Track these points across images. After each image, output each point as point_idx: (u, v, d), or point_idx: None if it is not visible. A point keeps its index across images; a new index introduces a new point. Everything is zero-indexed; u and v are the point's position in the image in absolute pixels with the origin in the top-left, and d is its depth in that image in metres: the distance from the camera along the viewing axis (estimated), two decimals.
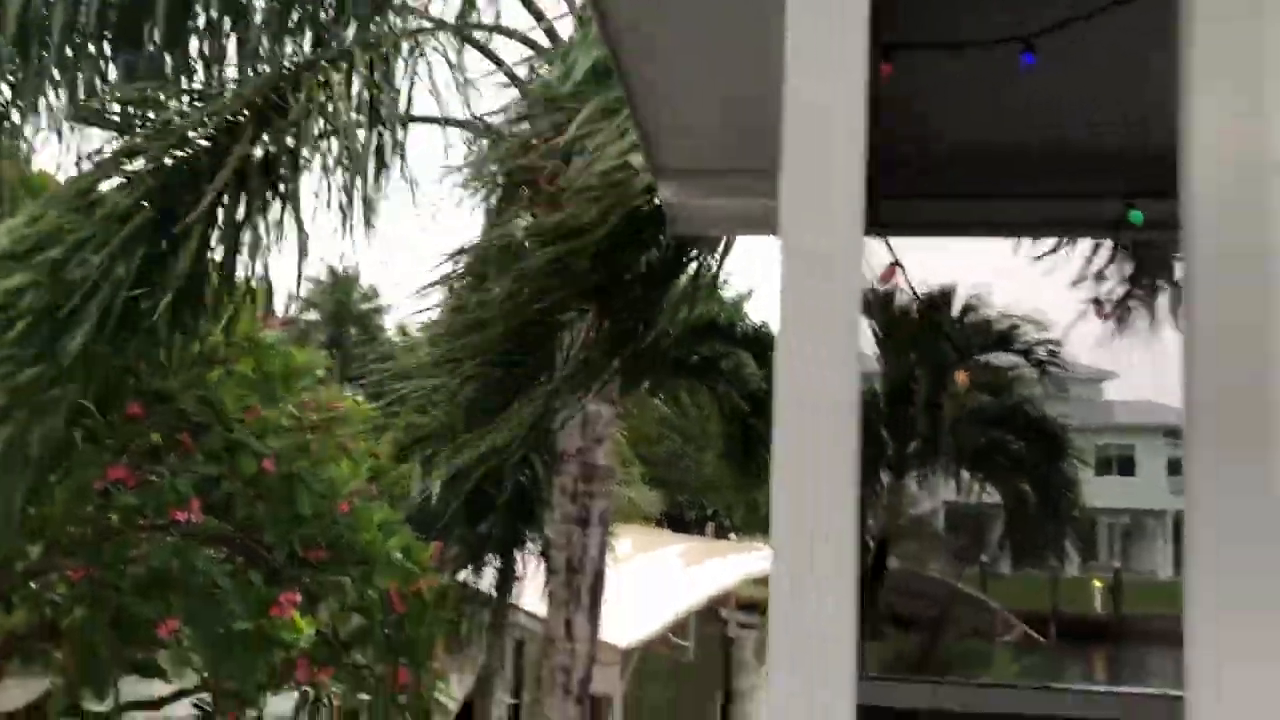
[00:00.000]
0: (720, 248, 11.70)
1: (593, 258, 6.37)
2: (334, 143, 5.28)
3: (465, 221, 11.53)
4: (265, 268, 5.78)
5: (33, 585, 7.73)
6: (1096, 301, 2.80)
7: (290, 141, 4.88)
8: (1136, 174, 2.40)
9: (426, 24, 6.19)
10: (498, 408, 10.17)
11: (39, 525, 7.08)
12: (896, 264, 2.19)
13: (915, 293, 2.25)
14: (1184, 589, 1.33)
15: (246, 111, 4.89)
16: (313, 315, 50.15)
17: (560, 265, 6.54)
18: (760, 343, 11.10)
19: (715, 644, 19.28)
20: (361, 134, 5.31)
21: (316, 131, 5.23)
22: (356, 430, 8.11)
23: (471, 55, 7.18)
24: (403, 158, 5.70)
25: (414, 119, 6.06)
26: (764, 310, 11.29)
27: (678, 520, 43.66)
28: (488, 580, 10.54)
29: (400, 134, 5.48)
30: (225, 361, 7.32)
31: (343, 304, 50.04)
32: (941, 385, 5.63)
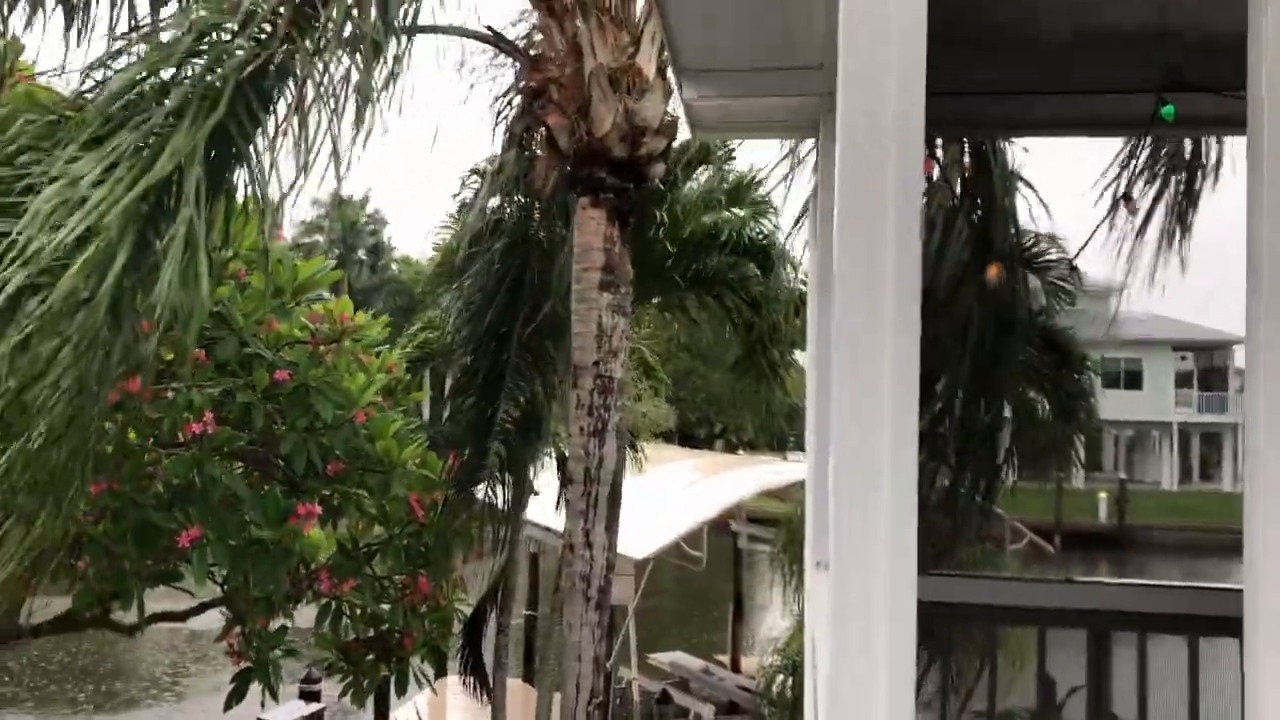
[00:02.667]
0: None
1: (610, 167, 6.31)
2: (343, 57, 5.17)
3: (470, 136, 11.38)
4: (276, 184, 5.71)
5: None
6: (1127, 197, 2.75)
7: (305, 52, 4.78)
8: (1171, 67, 2.35)
9: None
10: (507, 320, 10.20)
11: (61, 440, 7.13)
12: (931, 157, 2.16)
13: (950, 188, 2.21)
14: (1246, 492, 1.34)
15: (268, 24, 4.78)
16: (319, 238, 50.01)
17: (575, 176, 6.48)
18: (765, 253, 11.05)
19: (727, 556, 19.58)
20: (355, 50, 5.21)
21: (323, 42, 5.12)
22: (369, 344, 8.12)
23: None
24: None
25: (422, 29, 5.94)
26: (769, 221, 11.15)
27: (689, 437, 44.05)
28: (502, 494, 10.69)
29: (407, 45, 5.36)
30: (235, 275, 7.29)
31: (350, 225, 49.83)
32: (962, 285, 5.60)
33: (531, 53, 7.46)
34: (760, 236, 11.11)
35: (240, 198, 5.77)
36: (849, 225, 1.61)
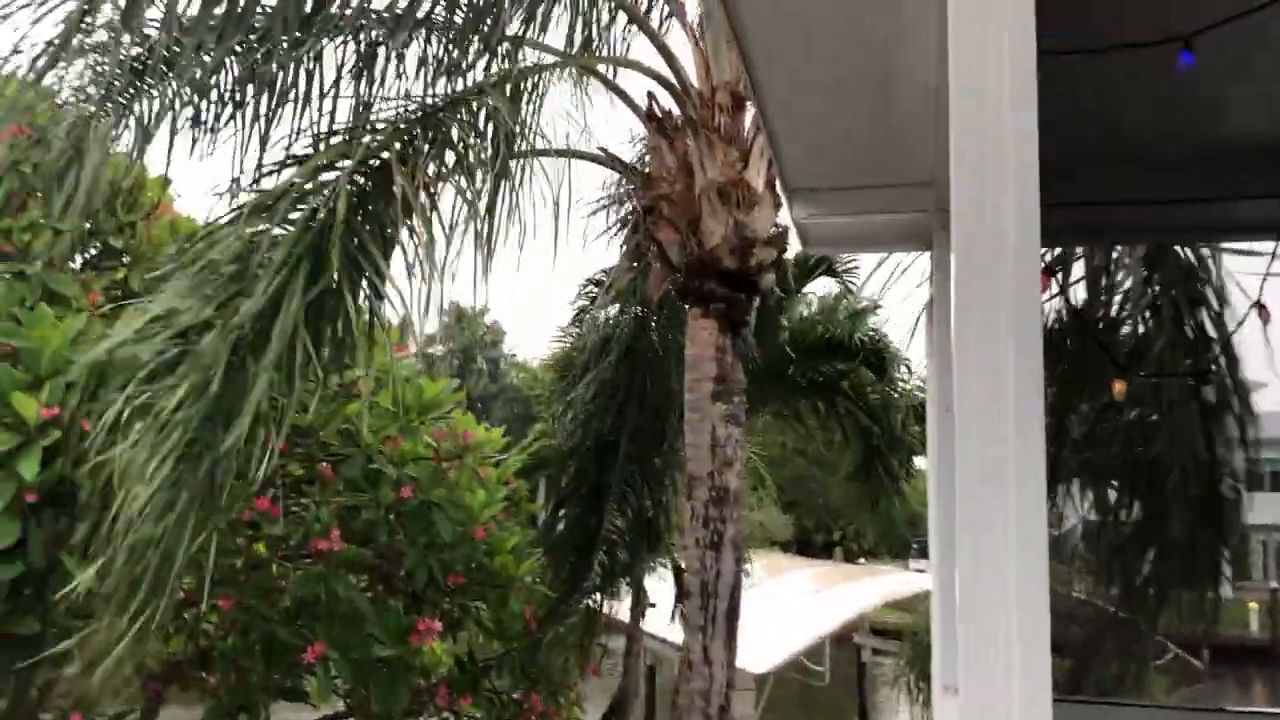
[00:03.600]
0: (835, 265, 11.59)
1: (720, 278, 6.36)
2: (462, 179, 5.38)
3: (587, 254, 11.68)
4: (402, 302, 5.91)
5: (186, 616, 8.05)
6: (1260, 306, 2.65)
7: (429, 175, 4.99)
8: None
9: (550, 58, 6.29)
10: (621, 431, 10.26)
11: (190, 556, 7.37)
12: (1049, 270, 2.12)
13: (1068, 300, 2.17)
14: None
15: (394, 146, 5.02)
16: (439, 349, 51.54)
17: (686, 288, 6.55)
18: (880, 356, 10.93)
19: (850, 670, 18.96)
20: (481, 175, 5.41)
21: (446, 167, 5.34)
22: (488, 458, 8.24)
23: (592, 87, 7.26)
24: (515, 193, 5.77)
25: (541, 153, 6.15)
26: (880, 323, 11.08)
27: (806, 545, 43.20)
28: (619, 607, 10.61)
29: (527, 169, 5.56)
30: (360, 395, 7.52)
31: (470, 338, 51.28)
32: (1090, 398, 5.43)
33: (645, 170, 7.65)
34: (874, 339, 11.02)
35: (366, 317, 5.99)
36: (967, 345, 1.59)
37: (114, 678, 7.50)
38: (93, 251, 7.21)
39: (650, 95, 7.13)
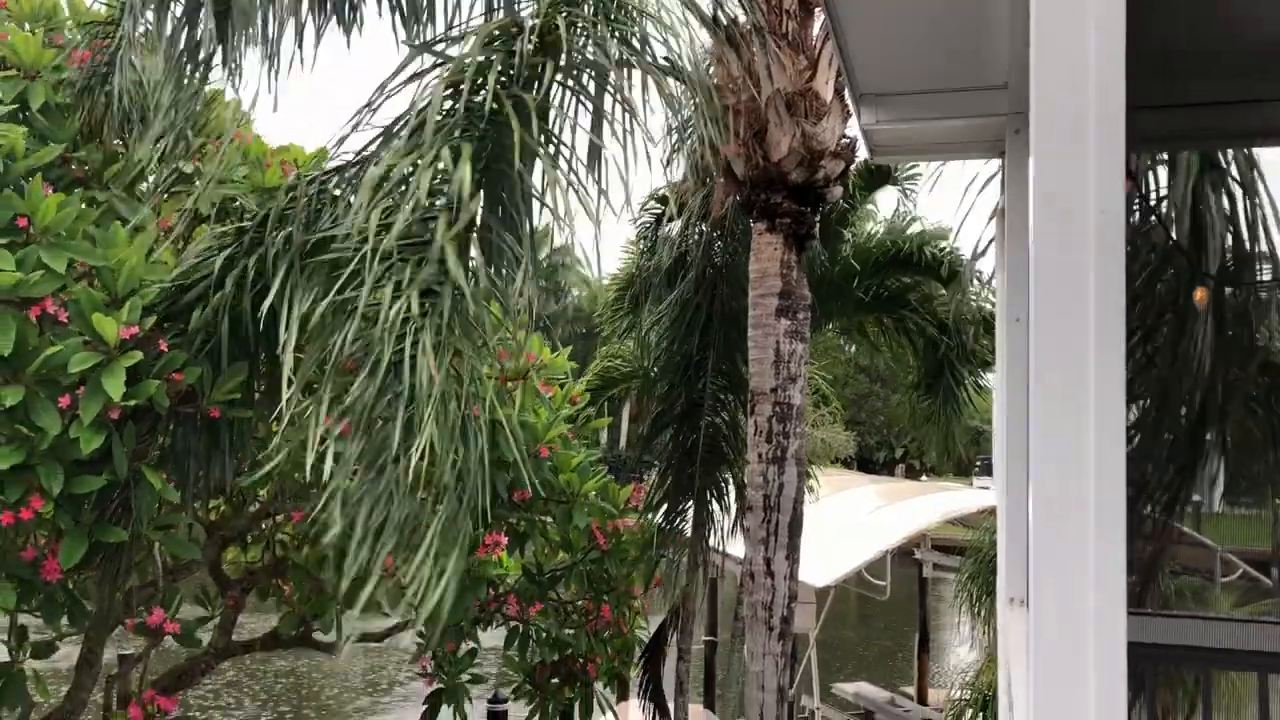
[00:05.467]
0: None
1: (786, 192, 6.28)
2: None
3: (649, 170, 11.58)
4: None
5: (264, 526, 8.32)
6: None
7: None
8: None
9: None
10: (689, 349, 10.31)
11: (268, 470, 7.58)
12: (1132, 176, 2.05)
13: (1150, 207, 2.10)
14: None
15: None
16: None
17: (752, 202, 6.48)
18: (950, 268, 10.75)
19: (911, 586, 19.06)
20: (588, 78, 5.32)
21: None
22: (553, 378, 8.32)
23: None
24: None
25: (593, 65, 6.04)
26: (954, 237, 10.87)
27: (868, 463, 43.23)
28: (684, 521, 10.75)
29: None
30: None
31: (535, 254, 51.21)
32: (1167, 312, 5.29)
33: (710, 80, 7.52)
34: (944, 253, 10.83)
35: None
36: (1045, 250, 1.55)
37: (194, 585, 7.81)
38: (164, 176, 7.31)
39: (716, 1, 6.98)
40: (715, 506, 10.77)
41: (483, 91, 4.73)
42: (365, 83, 5.35)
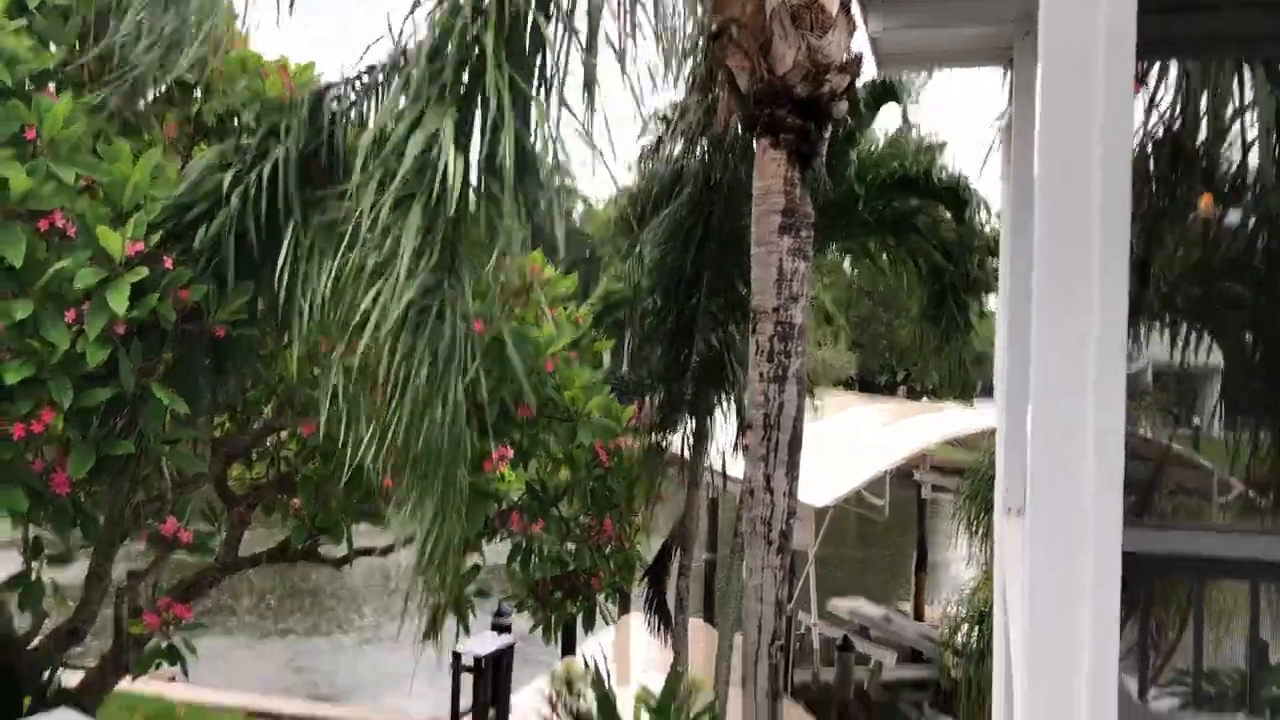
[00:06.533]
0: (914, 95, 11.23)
1: (791, 107, 6.21)
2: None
3: (654, 88, 11.40)
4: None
5: (269, 442, 8.39)
6: None
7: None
8: None
9: None
10: (703, 267, 10.31)
11: (271, 386, 7.62)
12: (1141, 81, 2.03)
13: (1160, 113, 2.08)
14: None
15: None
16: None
17: (756, 118, 6.41)
18: (957, 194, 10.66)
19: (910, 506, 19.28)
20: None
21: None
22: (558, 299, 8.33)
23: None
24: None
25: None
26: (958, 160, 10.80)
27: (870, 385, 43.35)
28: (683, 441, 10.84)
29: None
30: None
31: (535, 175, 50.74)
32: (1177, 228, 5.25)
33: None
34: (950, 177, 10.73)
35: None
36: (1051, 159, 1.55)
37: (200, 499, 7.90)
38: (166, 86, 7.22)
39: None
40: (712, 424, 10.84)
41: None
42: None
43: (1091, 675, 1.71)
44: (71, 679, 7.84)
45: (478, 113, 5.20)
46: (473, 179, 5.34)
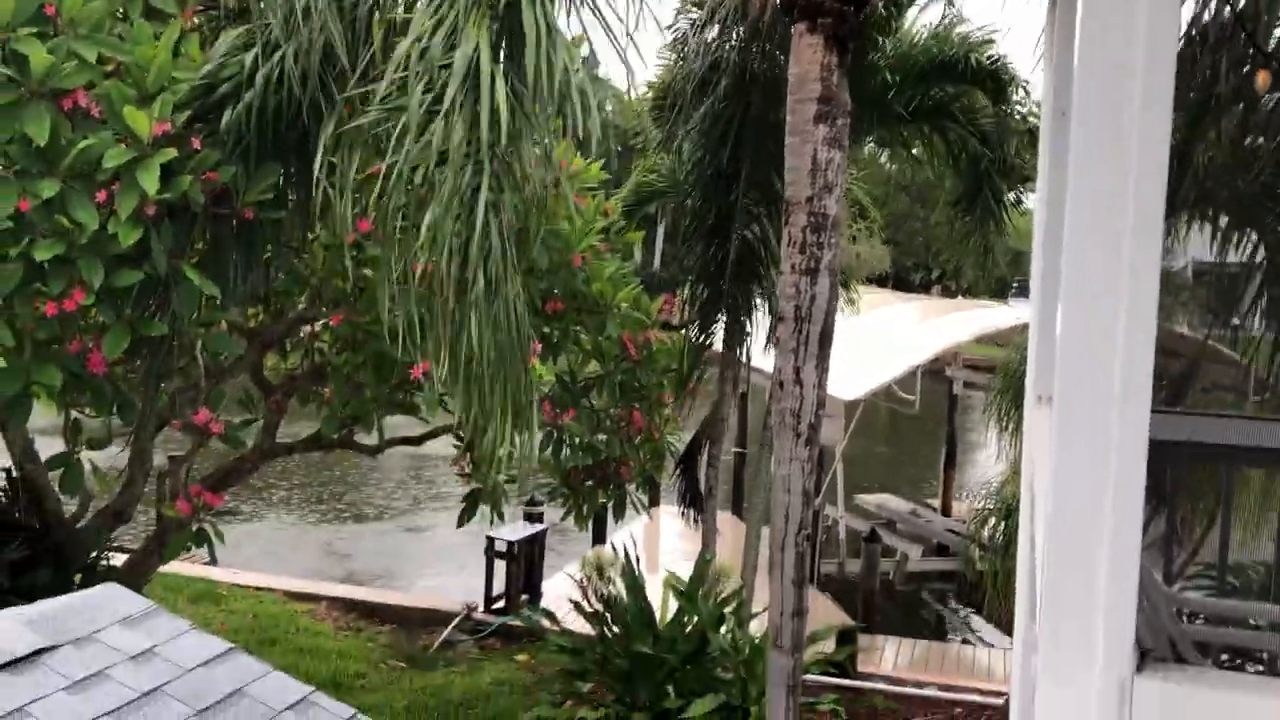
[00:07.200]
0: None
1: None
2: None
3: None
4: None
5: (302, 334, 8.47)
6: None
7: None
8: None
9: None
10: (734, 161, 10.15)
11: (303, 278, 7.65)
12: None
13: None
14: None
15: None
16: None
17: (792, 1, 6.22)
18: (997, 78, 10.35)
19: (940, 402, 19.26)
20: None
21: None
22: (587, 189, 8.25)
23: None
24: None
25: None
26: (998, 48, 10.40)
27: (904, 283, 43.04)
28: (713, 336, 10.83)
29: None
30: None
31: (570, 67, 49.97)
32: (1225, 118, 5.07)
33: None
34: (991, 62, 10.41)
35: None
36: (1091, 47, 1.48)
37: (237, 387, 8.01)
38: None
39: None
40: (746, 320, 10.80)
41: None
42: None
43: (1112, 560, 1.71)
44: (118, 560, 8.10)
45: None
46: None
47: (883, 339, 16.16)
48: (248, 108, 5.51)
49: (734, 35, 10.12)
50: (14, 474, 7.48)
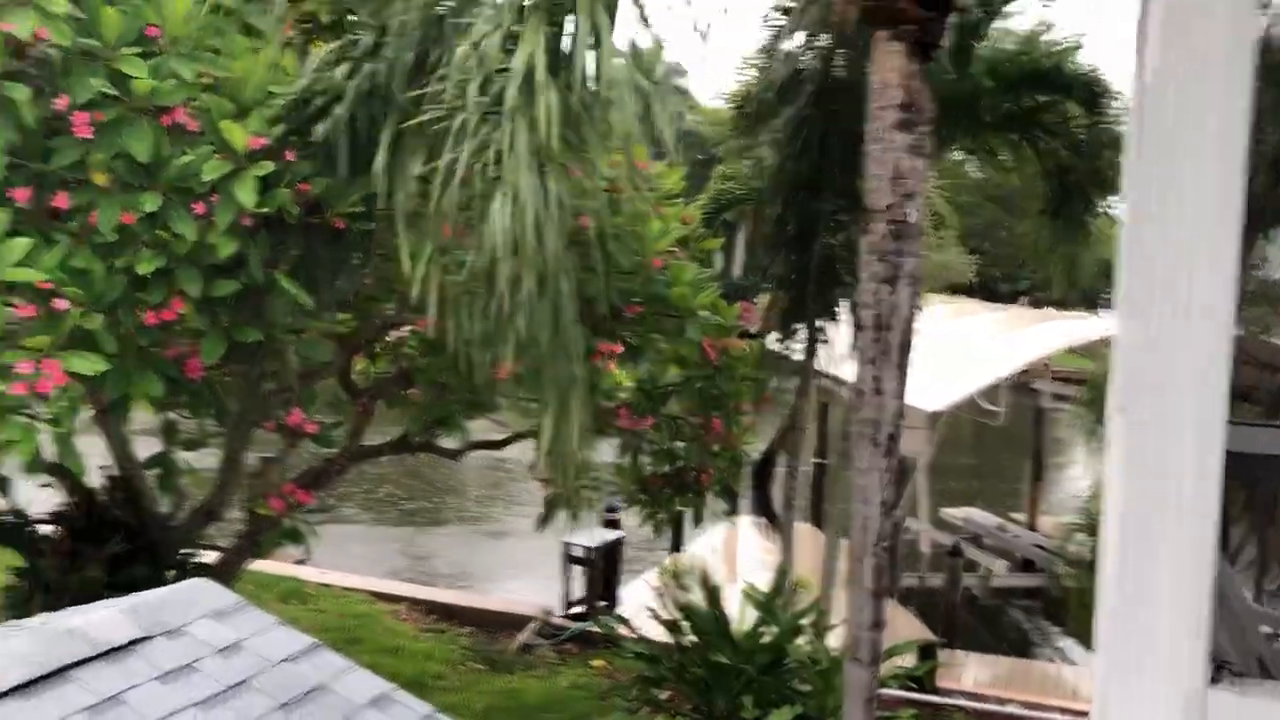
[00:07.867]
0: None
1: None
2: None
3: None
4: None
5: (390, 338, 8.65)
6: None
7: None
8: None
9: None
10: (803, 168, 10.11)
11: (391, 283, 7.82)
12: None
13: None
14: None
15: None
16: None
17: (876, 8, 6.19)
18: (1091, 89, 10.14)
19: (1027, 415, 18.88)
20: None
21: None
22: (666, 194, 8.28)
23: None
24: None
25: None
26: (1094, 57, 10.20)
27: (992, 292, 42.23)
28: (796, 344, 10.79)
29: None
30: None
31: (647, 76, 50.12)
32: None
33: None
34: (1083, 71, 10.21)
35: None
36: (1170, 53, 1.48)
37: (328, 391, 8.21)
38: None
39: None
40: (827, 329, 10.74)
41: None
42: None
43: (1183, 574, 1.69)
44: (209, 557, 8.36)
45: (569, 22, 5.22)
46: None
47: (968, 348, 15.91)
48: (338, 121, 5.67)
49: (817, 42, 10.10)
50: (114, 474, 7.77)
